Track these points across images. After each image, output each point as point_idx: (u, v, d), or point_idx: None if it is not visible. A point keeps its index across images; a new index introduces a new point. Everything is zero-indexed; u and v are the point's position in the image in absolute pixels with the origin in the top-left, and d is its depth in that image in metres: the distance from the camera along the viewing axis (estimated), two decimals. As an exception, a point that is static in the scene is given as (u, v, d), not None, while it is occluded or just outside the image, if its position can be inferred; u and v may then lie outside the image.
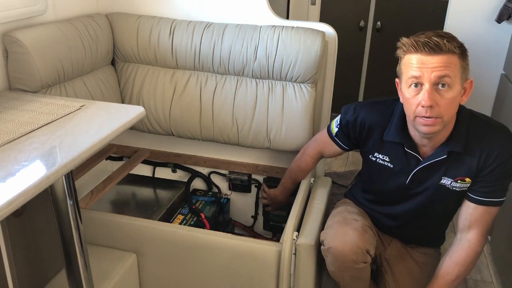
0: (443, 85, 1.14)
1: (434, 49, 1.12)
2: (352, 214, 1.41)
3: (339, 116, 1.47)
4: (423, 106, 1.14)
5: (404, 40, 1.18)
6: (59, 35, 1.52)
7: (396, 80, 1.27)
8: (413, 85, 1.16)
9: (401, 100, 1.27)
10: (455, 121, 1.24)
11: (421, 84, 1.15)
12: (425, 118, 1.16)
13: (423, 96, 1.14)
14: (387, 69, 3.37)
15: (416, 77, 1.15)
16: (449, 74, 1.13)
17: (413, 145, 1.30)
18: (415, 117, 1.18)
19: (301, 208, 1.55)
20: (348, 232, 1.29)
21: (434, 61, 1.12)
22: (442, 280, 1.31)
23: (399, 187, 1.35)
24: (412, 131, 1.29)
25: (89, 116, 1.20)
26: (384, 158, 1.36)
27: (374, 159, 1.39)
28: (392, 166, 1.35)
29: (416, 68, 1.14)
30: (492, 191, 1.27)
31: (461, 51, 1.15)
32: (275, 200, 1.81)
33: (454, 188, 1.29)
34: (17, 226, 1.28)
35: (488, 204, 1.28)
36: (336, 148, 1.50)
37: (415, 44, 1.14)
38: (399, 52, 1.21)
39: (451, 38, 1.15)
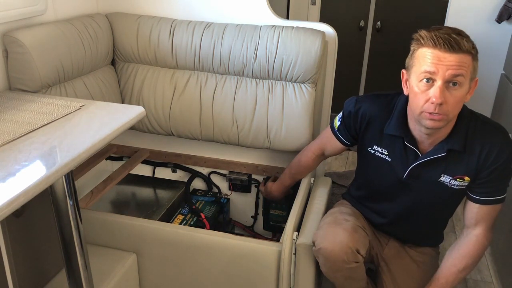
0: (454, 84, 1.14)
1: (454, 47, 1.11)
2: (344, 214, 1.41)
3: (342, 111, 1.47)
4: (432, 103, 1.14)
5: (423, 33, 1.16)
6: (59, 35, 1.52)
7: (403, 71, 1.26)
8: (424, 80, 1.15)
9: (405, 92, 1.27)
10: (456, 119, 1.25)
11: (433, 80, 1.14)
12: (432, 114, 1.16)
13: (434, 93, 1.13)
14: (387, 69, 3.38)
15: (430, 73, 1.14)
16: (462, 73, 1.13)
17: (413, 140, 1.30)
18: (421, 112, 1.18)
19: (301, 208, 1.55)
20: (338, 233, 1.29)
21: (451, 59, 1.11)
22: (448, 271, 1.32)
23: (396, 181, 1.35)
24: (412, 126, 1.29)
25: (89, 116, 1.20)
26: (383, 151, 1.37)
27: (372, 151, 1.39)
28: (390, 159, 1.35)
29: (431, 64, 1.13)
30: (493, 191, 1.28)
31: (475, 51, 1.15)
32: (269, 194, 1.81)
33: (452, 186, 1.30)
34: (17, 226, 1.28)
35: (492, 203, 1.29)
36: (338, 144, 1.50)
37: (434, 38, 1.13)
38: (413, 44, 1.20)
39: (467, 37, 1.15)
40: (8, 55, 1.42)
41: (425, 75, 1.15)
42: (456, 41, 1.11)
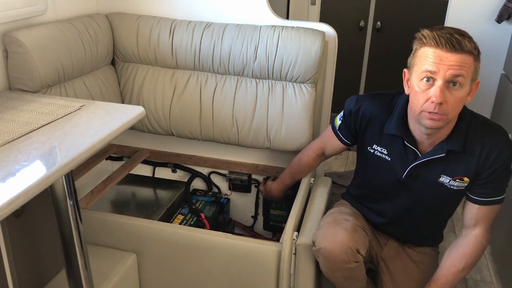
0: (454, 84, 1.14)
1: (456, 47, 1.11)
2: (344, 214, 1.41)
3: (343, 110, 1.47)
4: (432, 102, 1.14)
5: (425, 32, 1.16)
6: (59, 35, 1.52)
7: (405, 70, 1.27)
8: (425, 79, 1.16)
9: (406, 91, 1.27)
10: (456, 120, 1.25)
11: (434, 80, 1.14)
12: (431, 113, 1.16)
13: (434, 92, 1.13)
14: (387, 69, 3.38)
15: (431, 72, 1.14)
16: (463, 74, 1.13)
17: (413, 140, 1.30)
18: (421, 111, 1.18)
19: (301, 208, 1.55)
20: (337, 232, 1.29)
21: (452, 59, 1.12)
22: (448, 271, 1.32)
23: (395, 181, 1.36)
24: (412, 125, 1.29)
25: (89, 116, 1.20)
26: (382, 150, 1.37)
27: (372, 151, 1.39)
28: (389, 159, 1.35)
29: (432, 63, 1.13)
30: (493, 191, 1.29)
31: (478, 52, 1.16)
32: (269, 193, 1.81)
33: (451, 187, 1.30)
34: (17, 226, 1.28)
35: (491, 204, 1.30)
36: (338, 143, 1.50)
37: (436, 38, 1.13)
38: (416, 44, 1.20)
39: (470, 38, 1.15)
40: (8, 55, 1.42)
41: (425, 74, 1.15)
42: (458, 41, 1.11)
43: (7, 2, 1.38)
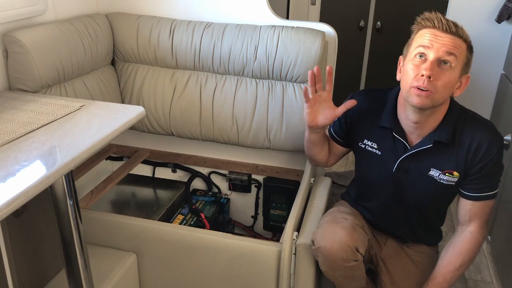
0: (445, 63, 1.17)
1: (451, 29, 1.17)
2: (343, 213, 1.41)
3: None
4: (422, 75, 1.16)
5: (425, 14, 1.22)
6: (59, 35, 1.52)
7: (400, 57, 1.29)
8: (418, 56, 1.18)
9: (398, 78, 1.28)
10: (445, 113, 1.25)
11: (426, 56, 1.17)
12: (419, 89, 1.17)
13: (425, 66, 1.16)
14: (387, 69, 3.38)
15: (424, 47, 1.17)
16: (456, 53, 1.16)
17: (402, 131, 1.31)
18: (410, 88, 1.19)
19: (301, 208, 1.55)
20: (336, 231, 1.29)
21: (447, 38, 1.17)
22: (445, 269, 1.32)
23: (386, 176, 1.36)
24: (402, 116, 1.30)
25: (89, 116, 1.20)
26: (373, 145, 1.37)
27: (363, 146, 1.40)
28: (380, 153, 1.36)
29: (427, 40, 1.18)
30: (485, 186, 1.29)
31: (471, 44, 1.21)
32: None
33: (441, 181, 1.30)
34: (17, 226, 1.28)
35: (484, 199, 1.30)
36: (331, 141, 1.51)
37: (434, 19, 1.19)
38: (414, 27, 1.25)
39: (465, 32, 1.20)
40: (8, 55, 1.42)
41: (419, 50, 1.18)
42: (454, 25, 1.18)
43: (7, 2, 1.38)
